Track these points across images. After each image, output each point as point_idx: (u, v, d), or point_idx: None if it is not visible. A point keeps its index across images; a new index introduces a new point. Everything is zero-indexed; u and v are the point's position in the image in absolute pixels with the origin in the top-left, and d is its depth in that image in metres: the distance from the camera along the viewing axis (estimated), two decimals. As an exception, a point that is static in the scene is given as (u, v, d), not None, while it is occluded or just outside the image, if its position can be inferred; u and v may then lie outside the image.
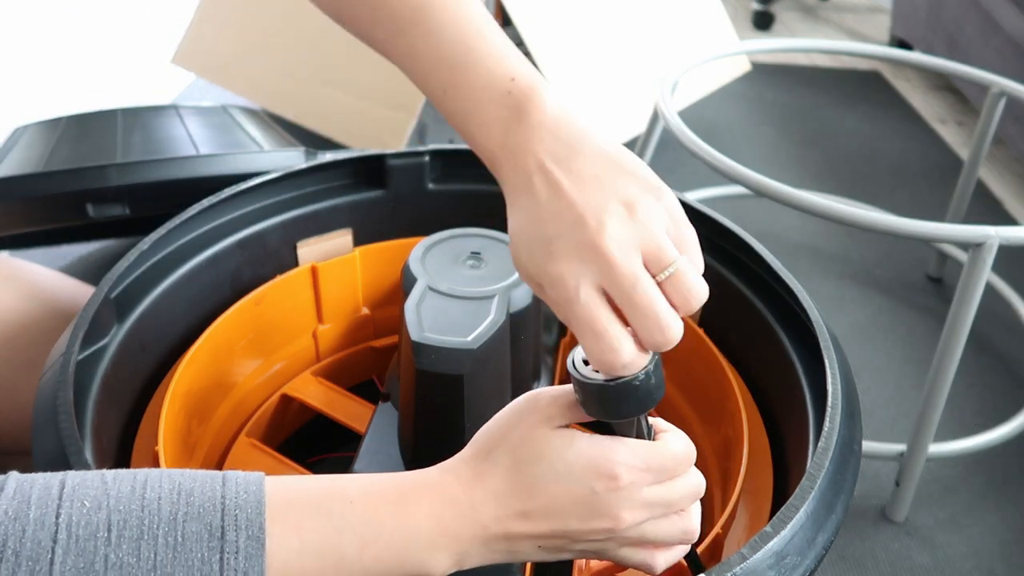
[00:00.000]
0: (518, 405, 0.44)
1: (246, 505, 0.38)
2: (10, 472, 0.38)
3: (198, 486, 0.38)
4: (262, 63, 1.51)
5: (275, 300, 0.77)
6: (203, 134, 0.88)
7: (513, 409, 0.44)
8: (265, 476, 0.40)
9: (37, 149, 0.83)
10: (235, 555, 0.36)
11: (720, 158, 0.86)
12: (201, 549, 0.36)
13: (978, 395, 1.10)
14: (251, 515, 0.37)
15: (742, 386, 0.71)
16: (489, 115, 0.47)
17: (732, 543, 0.60)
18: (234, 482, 0.38)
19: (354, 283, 0.83)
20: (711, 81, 1.67)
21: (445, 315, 0.61)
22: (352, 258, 0.82)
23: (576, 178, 0.42)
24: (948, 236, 0.79)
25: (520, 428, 0.43)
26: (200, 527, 0.36)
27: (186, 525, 0.36)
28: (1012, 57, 1.59)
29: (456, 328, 0.60)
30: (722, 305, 0.76)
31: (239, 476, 0.39)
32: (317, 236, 0.81)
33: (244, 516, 0.37)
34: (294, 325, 0.80)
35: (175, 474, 0.39)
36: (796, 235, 1.42)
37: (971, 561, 0.88)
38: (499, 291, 0.64)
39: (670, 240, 0.42)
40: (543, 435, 0.42)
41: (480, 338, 0.59)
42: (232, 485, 0.38)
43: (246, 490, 0.38)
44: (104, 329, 0.63)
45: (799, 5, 2.61)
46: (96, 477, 0.38)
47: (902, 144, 1.77)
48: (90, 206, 0.76)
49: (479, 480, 0.42)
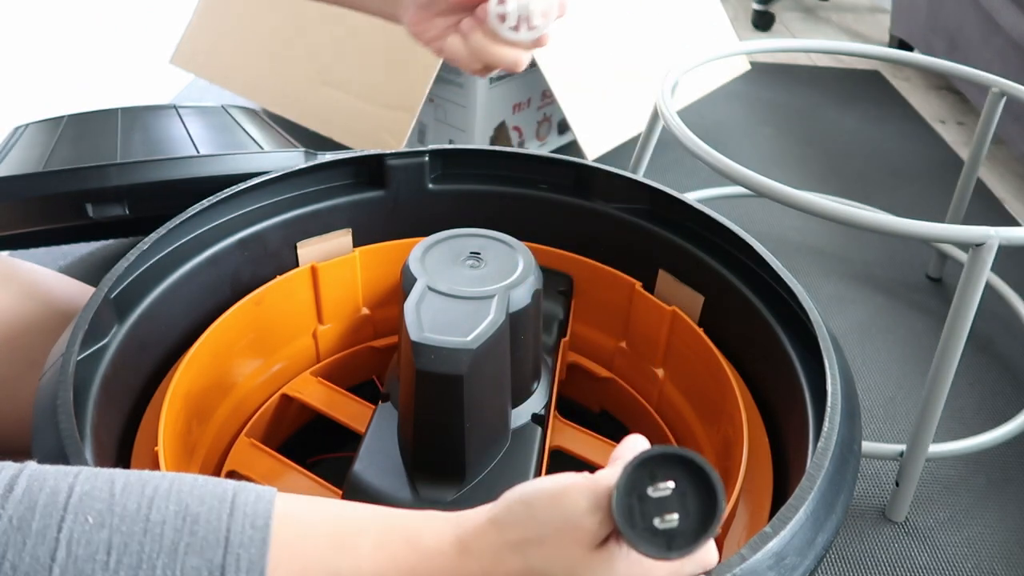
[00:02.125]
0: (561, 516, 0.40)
1: (250, 544, 0.36)
2: (27, 464, 0.37)
3: (204, 511, 0.36)
4: (261, 63, 1.51)
5: (275, 300, 0.77)
6: (203, 134, 0.88)
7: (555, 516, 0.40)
8: (275, 503, 0.38)
9: (37, 148, 0.83)
10: None
11: (720, 158, 0.86)
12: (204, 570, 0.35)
13: (978, 395, 1.10)
14: (254, 557, 0.36)
15: (742, 386, 0.71)
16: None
17: (732, 543, 0.60)
18: (242, 512, 0.37)
19: (354, 283, 0.83)
20: (711, 81, 1.67)
21: (444, 315, 0.61)
22: (352, 258, 0.82)
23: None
24: (948, 236, 0.79)
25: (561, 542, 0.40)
26: (200, 563, 0.35)
27: (186, 559, 0.35)
28: (1012, 57, 1.59)
29: (455, 328, 0.60)
30: (722, 305, 0.76)
31: (248, 503, 0.38)
32: (317, 236, 0.81)
33: (247, 557, 0.36)
34: (294, 325, 0.80)
35: (185, 490, 0.37)
36: (796, 235, 1.42)
37: (971, 561, 0.88)
38: (498, 291, 0.64)
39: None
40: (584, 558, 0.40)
41: (480, 338, 0.59)
42: (239, 516, 0.37)
43: (253, 524, 0.37)
44: (104, 329, 0.63)
45: (799, 5, 2.61)
46: (106, 485, 0.37)
47: (902, 144, 1.77)
48: (89, 206, 0.76)
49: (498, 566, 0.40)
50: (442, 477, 0.64)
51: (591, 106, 1.37)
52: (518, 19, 0.57)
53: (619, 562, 0.40)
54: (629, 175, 0.80)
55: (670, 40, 1.56)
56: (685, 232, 0.78)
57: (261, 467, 0.70)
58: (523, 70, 0.62)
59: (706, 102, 1.67)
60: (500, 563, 0.40)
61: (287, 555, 0.37)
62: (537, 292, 0.67)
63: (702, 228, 0.77)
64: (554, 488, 0.41)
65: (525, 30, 0.57)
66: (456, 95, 1.39)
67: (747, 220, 1.42)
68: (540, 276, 0.68)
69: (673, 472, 0.39)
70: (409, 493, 0.63)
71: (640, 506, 0.38)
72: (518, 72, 0.62)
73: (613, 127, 1.41)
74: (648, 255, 0.80)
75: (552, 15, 0.58)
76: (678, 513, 0.38)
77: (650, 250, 0.79)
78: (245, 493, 0.38)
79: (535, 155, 0.83)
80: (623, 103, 1.43)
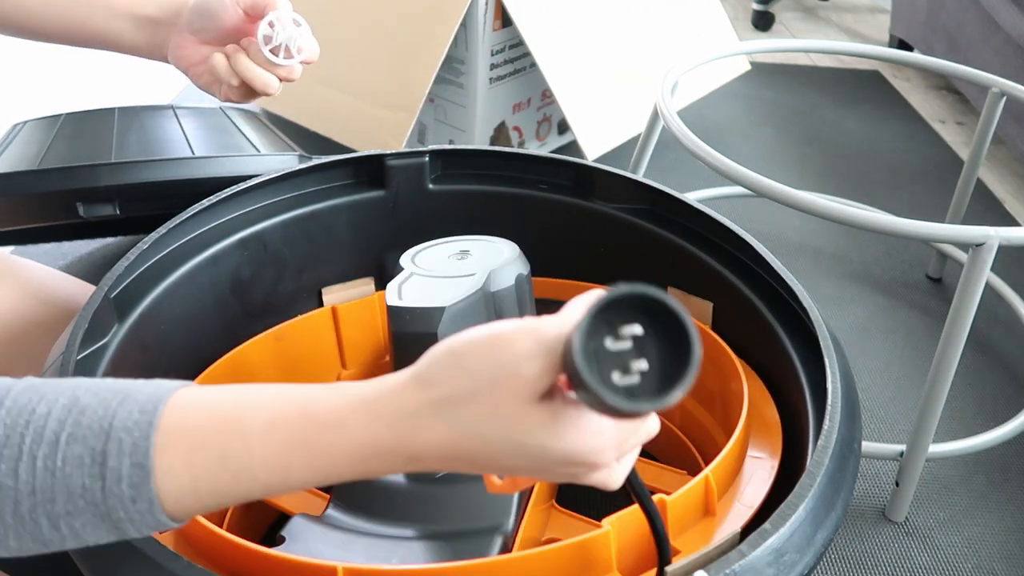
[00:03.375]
0: (496, 363, 0.35)
1: (134, 428, 0.35)
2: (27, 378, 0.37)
3: (95, 403, 0.36)
4: (262, 63, 1.51)
5: (296, 338, 0.77)
6: (199, 135, 0.88)
7: (489, 365, 0.35)
8: (175, 392, 0.36)
9: (33, 146, 0.83)
10: (118, 482, 0.34)
11: (720, 158, 0.86)
12: (82, 476, 0.34)
13: (978, 395, 1.10)
14: (137, 440, 0.35)
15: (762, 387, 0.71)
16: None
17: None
18: (133, 400, 0.36)
19: (375, 327, 0.82)
20: (711, 81, 1.67)
21: (424, 290, 0.64)
22: (372, 301, 0.82)
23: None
24: (948, 236, 0.79)
25: (495, 395, 0.35)
26: (82, 450, 0.34)
27: (68, 448, 0.34)
28: (1012, 57, 1.59)
29: (432, 298, 0.62)
30: (722, 305, 0.76)
31: (144, 392, 0.36)
32: (340, 284, 0.83)
33: (130, 441, 0.35)
34: (318, 368, 0.80)
35: (84, 386, 0.36)
36: (796, 235, 1.42)
37: (971, 561, 0.88)
38: (479, 270, 0.66)
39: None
40: (522, 414, 0.35)
41: (452, 299, 0.60)
42: (129, 404, 0.36)
43: (141, 409, 0.35)
44: (104, 328, 0.63)
45: (799, 5, 2.61)
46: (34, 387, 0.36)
47: (902, 144, 1.77)
48: (80, 205, 0.76)
49: (418, 433, 0.35)
50: None
51: (591, 106, 1.37)
52: (282, 47, 0.69)
53: (563, 420, 0.35)
54: (629, 175, 0.80)
55: (670, 40, 1.56)
56: (685, 232, 0.78)
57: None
58: (273, 93, 0.71)
59: (706, 102, 1.67)
60: (419, 430, 0.35)
61: (175, 438, 0.35)
62: (521, 276, 0.68)
63: (702, 228, 0.77)
64: (489, 333, 0.36)
65: (283, 57, 0.69)
66: (456, 95, 1.39)
67: (747, 220, 1.42)
68: (525, 263, 0.69)
69: (637, 319, 0.34)
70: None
71: (597, 359, 0.33)
72: (268, 94, 0.71)
73: (613, 127, 1.41)
74: (652, 267, 0.79)
75: (306, 53, 0.70)
76: (645, 361, 0.33)
77: (652, 257, 0.79)
78: (146, 385, 0.37)
79: (535, 155, 0.83)
80: (623, 103, 1.43)
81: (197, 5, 0.71)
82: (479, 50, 1.33)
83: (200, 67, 0.73)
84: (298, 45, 0.69)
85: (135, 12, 0.72)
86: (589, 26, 1.42)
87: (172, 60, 0.73)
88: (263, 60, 0.69)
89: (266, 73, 0.69)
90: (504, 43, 1.36)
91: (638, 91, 1.44)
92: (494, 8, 1.31)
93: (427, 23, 1.29)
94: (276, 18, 0.68)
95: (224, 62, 0.70)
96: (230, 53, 0.70)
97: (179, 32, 0.72)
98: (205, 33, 0.71)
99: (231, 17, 0.70)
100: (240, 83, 0.70)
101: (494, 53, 1.36)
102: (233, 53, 0.70)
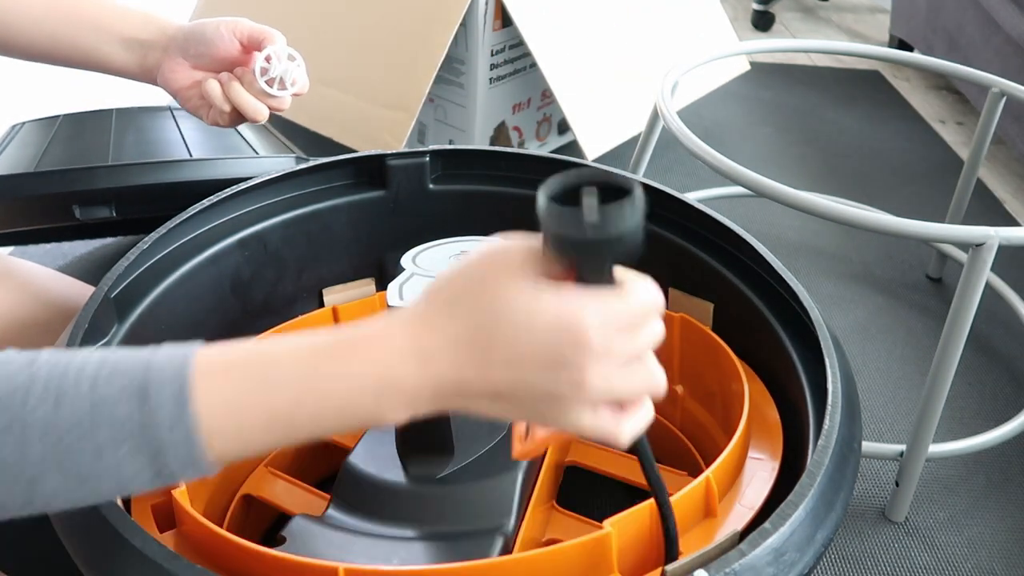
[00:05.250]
0: (486, 259, 0.41)
1: (170, 363, 0.38)
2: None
3: (128, 353, 0.39)
4: (262, 63, 1.51)
5: None
6: (196, 137, 0.88)
7: (480, 261, 0.41)
8: (201, 344, 0.40)
9: (31, 148, 0.83)
10: (161, 408, 0.37)
11: (720, 158, 0.86)
12: (125, 405, 0.37)
13: (978, 395, 1.10)
14: (178, 368, 0.38)
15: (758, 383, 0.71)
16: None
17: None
18: (165, 348, 0.39)
19: None
20: (711, 81, 1.67)
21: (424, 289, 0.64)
22: (373, 301, 0.82)
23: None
24: (948, 236, 0.79)
25: (486, 281, 0.40)
26: (125, 382, 0.37)
27: (110, 381, 0.37)
28: (1012, 57, 1.59)
29: None
30: (723, 305, 0.76)
31: (172, 347, 0.40)
32: (341, 284, 0.83)
33: (171, 371, 0.38)
34: None
35: (115, 349, 0.40)
36: (796, 235, 1.42)
37: (971, 561, 0.88)
38: None
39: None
40: (509, 289, 0.40)
41: None
42: (163, 349, 0.39)
43: (173, 352, 0.39)
44: (104, 328, 0.63)
45: (799, 5, 2.61)
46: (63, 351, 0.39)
47: (902, 144, 1.77)
48: (77, 208, 0.76)
49: (431, 330, 0.40)
50: (430, 452, 0.65)
51: (591, 106, 1.37)
52: (276, 79, 0.72)
53: (546, 288, 0.40)
54: (629, 175, 0.80)
55: (670, 40, 1.56)
56: (685, 232, 0.78)
57: (277, 489, 0.71)
58: (262, 121, 0.73)
59: (706, 102, 1.67)
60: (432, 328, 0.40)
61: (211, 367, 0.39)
62: None
63: (703, 228, 0.77)
64: (484, 245, 0.43)
65: (277, 89, 0.72)
66: (456, 95, 1.39)
67: (747, 220, 1.42)
68: None
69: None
70: (399, 474, 0.64)
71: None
72: (257, 121, 0.73)
73: (613, 127, 1.41)
74: (652, 267, 0.79)
75: (298, 86, 0.73)
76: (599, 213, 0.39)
77: (652, 257, 0.79)
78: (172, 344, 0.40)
79: (535, 155, 0.83)
80: (623, 103, 1.43)
81: (192, 31, 0.72)
82: (479, 50, 1.33)
83: (190, 91, 0.74)
84: (292, 78, 0.72)
85: (125, 35, 0.72)
86: (589, 26, 1.42)
87: (161, 83, 0.74)
88: (257, 90, 0.71)
89: (258, 102, 0.72)
90: (504, 43, 1.36)
91: (638, 91, 1.44)
92: (494, 8, 1.31)
93: (427, 23, 1.29)
94: (273, 52, 0.71)
95: (219, 89, 0.72)
96: (224, 81, 0.72)
97: (171, 56, 0.73)
98: (199, 59, 0.72)
99: (227, 47, 0.72)
100: (231, 109, 0.72)
101: (494, 53, 1.36)
102: (227, 81, 0.72)
